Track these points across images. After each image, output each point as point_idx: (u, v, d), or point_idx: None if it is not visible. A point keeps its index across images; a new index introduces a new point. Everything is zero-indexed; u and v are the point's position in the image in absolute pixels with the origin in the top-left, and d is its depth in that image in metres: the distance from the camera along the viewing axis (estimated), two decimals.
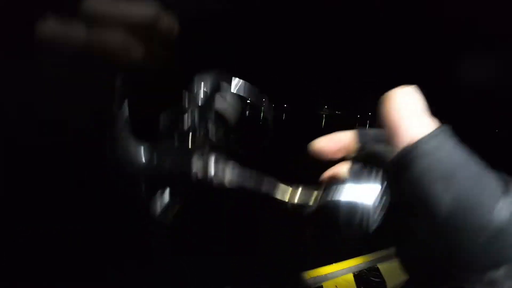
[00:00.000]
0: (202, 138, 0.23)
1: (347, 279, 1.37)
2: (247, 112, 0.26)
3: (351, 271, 1.42)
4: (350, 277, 1.38)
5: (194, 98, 0.24)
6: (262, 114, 0.26)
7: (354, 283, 1.34)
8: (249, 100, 0.25)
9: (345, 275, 1.39)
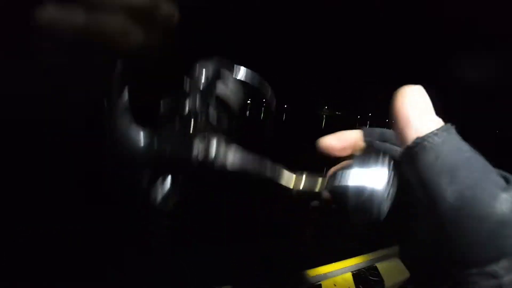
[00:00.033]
0: (203, 122, 0.22)
1: (346, 278, 1.37)
2: (250, 100, 0.26)
3: (350, 270, 1.43)
4: (349, 276, 1.39)
5: (195, 83, 0.23)
6: (265, 102, 0.26)
7: (353, 282, 1.34)
8: (252, 86, 0.25)
9: (344, 274, 1.39)
